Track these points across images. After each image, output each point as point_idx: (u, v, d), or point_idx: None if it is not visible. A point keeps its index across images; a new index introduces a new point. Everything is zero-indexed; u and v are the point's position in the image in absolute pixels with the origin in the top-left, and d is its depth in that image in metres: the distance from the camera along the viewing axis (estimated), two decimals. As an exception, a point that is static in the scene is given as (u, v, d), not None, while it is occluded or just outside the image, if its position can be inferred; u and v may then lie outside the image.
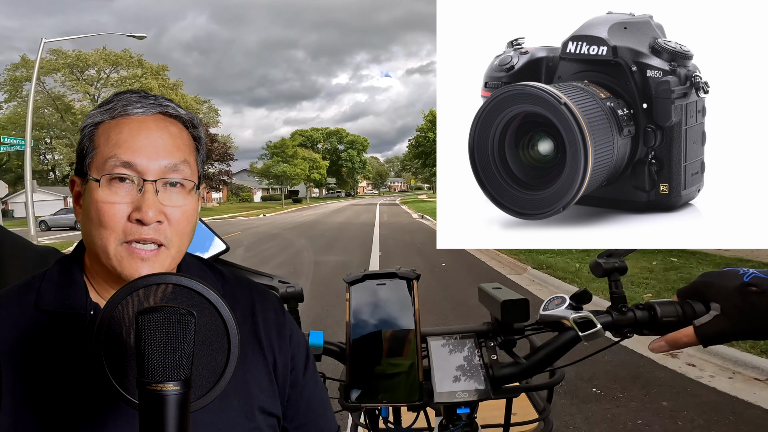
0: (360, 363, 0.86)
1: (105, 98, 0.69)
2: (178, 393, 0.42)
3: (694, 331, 0.73)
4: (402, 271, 0.91)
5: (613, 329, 0.81)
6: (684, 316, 0.76)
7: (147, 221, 0.60)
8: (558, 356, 0.84)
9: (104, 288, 0.65)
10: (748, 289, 0.68)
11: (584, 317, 0.78)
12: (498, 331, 0.90)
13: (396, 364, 0.86)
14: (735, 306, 0.69)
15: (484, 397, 0.82)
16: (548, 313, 0.82)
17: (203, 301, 0.48)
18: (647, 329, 0.79)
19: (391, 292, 0.90)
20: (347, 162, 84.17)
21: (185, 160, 0.64)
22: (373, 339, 0.88)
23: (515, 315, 0.85)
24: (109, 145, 0.62)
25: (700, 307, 0.76)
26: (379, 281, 0.91)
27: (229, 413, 0.64)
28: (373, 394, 0.84)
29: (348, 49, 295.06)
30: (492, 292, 0.91)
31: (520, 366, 0.86)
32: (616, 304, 0.82)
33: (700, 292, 0.76)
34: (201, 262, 0.76)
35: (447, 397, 0.82)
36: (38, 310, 0.62)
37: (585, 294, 0.79)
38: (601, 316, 0.80)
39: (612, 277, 0.83)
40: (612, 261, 0.84)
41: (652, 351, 0.78)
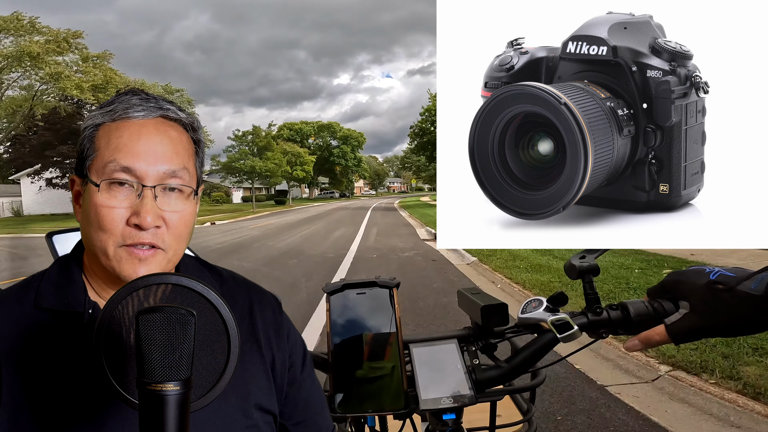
0: (343, 372, 0.87)
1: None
2: (178, 393, 0.42)
3: (665, 329, 0.74)
4: (382, 279, 0.92)
5: (589, 330, 0.82)
6: (655, 314, 0.77)
7: (145, 226, 0.60)
8: (538, 358, 0.86)
9: (103, 288, 0.66)
10: (715, 286, 0.69)
11: (561, 319, 0.79)
12: (479, 336, 0.92)
13: (378, 368, 0.87)
14: (703, 303, 0.70)
15: (469, 403, 0.83)
16: (526, 316, 0.83)
17: (203, 301, 0.48)
18: (621, 329, 0.81)
19: (371, 301, 0.91)
20: (340, 159, 73.96)
21: (184, 166, 0.65)
22: (354, 347, 0.88)
23: (495, 319, 0.87)
24: (110, 148, 0.62)
25: (669, 306, 0.77)
26: (359, 290, 0.91)
27: (227, 410, 0.65)
28: (358, 403, 0.85)
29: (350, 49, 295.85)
30: (471, 297, 0.92)
31: (502, 369, 0.87)
32: (591, 305, 0.83)
33: (669, 290, 0.77)
34: (199, 262, 0.77)
35: (432, 404, 0.83)
36: (37, 308, 0.62)
37: (561, 296, 0.81)
38: (577, 317, 0.81)
39: (585, 279, 0.84)
40: (585, 262, 0.85)
41: (627, 350, 0.79)
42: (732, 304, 0.67)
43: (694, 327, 0.71)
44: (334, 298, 0.91)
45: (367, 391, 0.86)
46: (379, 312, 0.90)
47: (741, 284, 0.66)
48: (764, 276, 0.65)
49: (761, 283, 0.64)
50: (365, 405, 0.86)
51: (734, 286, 0.67)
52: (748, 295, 0.65)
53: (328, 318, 0.90)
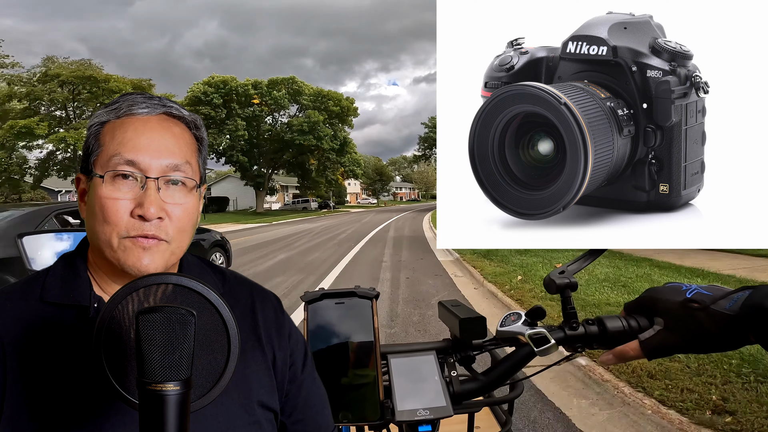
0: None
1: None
2: (178, 393, 0.42)
3: (639, 345, 0.75)
4: (361, 290, 0.92)
5: (566, 344, 0.83)
6: (630, 329, 0.78)
7: (149, 217, 0.61)
8: (515, 370, 0.87)
9: (107, 282, 0.67)
10: (690, 304, 0.70)
11: (539, 333, 0.80)
12: (457, 348, 0.92)
13: (356, 379, 0.87)
14: (678, 320, 0.71)
15: (444, 415, 0.83)
16: (505, 329, 0.84)
17: (203, 301, 0.48)
18: (596, 343, 0.81)
19: (350, 311, 0.90)
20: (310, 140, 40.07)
21: (187, 161, 0.66)
22: (332, 356, 0.88)
23: (473, 332, 0.88)
24: (114, 143, 0.64)
25: (644, 321, 0.78)
26: (337, 300, 0.91)
27: (229, 407, 0.66)
28: (334, 412, 0.84)
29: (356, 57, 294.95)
30: (451, 309, 0.93)
31: (479, 381, 0.88)
32: (568, 319, 0.83)
33: (645, 306, 0.78)
34: (202, 262, 0.78)
35: (408, 416, 0.83)
36: (43, 302, 0.63)
37: (539, 310, 0.82)
38: (555, 331, 0.82)
39: (564, 294, 0.85)
40: (564, 278, 0.86)
41: (601, 364, 0.80)
42: (705, 322, 0.67)
43: (668, 344, 0.72)
44: (311, 307, 0.90)
45: (343, 400, 0.86)
46: (357, 322, 0.90)
47: (715, 303, 0.67)
48: (740, 296, 0.65)
49: (736, 303, 0.65)
50: (341, 415, 0.86)
51: (709, 305, 0.67)
52: (722, 315, 0.66)
53: (305, 327, 0.89)
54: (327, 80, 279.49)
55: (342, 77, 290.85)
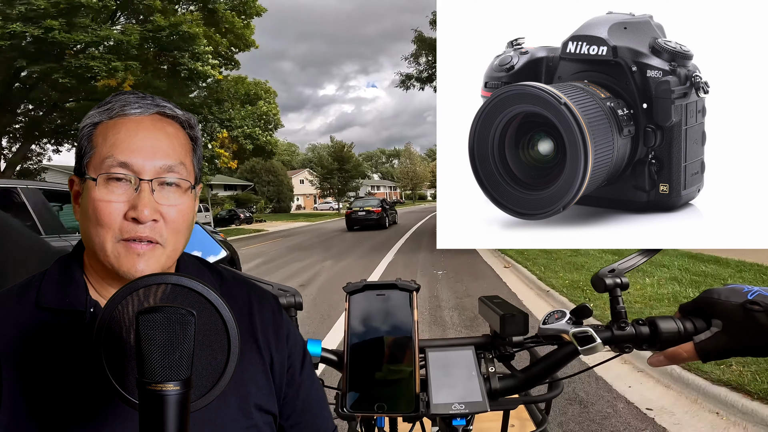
0: (357, 372, 0.86)
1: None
2: (178, 393, 0.42)
3: (694, 347, 0.74)
4: (402, 282, 0.91)
5: (613, 344, 0.81)
6: (684, 332, 0.77)
7: (143, 220, 0.61)
8: (556, 369, 0.85)
9: (103, 286, 0.66)
10: (752, 306, 0.68)
11: (584, 332, 0.79)
12: (497, 344, 0.91)
13: (393, 371, 0.86)
14: (737, 323, 0.69)
15: (480, 410, 0.82)
16: (548, 327, 0.83)
17: (203, 301, 0.48)
18: (647, 344, 0.80)
19: (390, 303, 0.90)
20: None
21: (181, 161, 0.65)
22: (370, 347, 0.87)
23: (514, 329, 0.86)
24: (107, 145, 0.63)
25: (701, 324, 0.77)
26: (378, 292, 0.91)
27: (226, 411, 0.65)
28: (369, 403, 0.84)
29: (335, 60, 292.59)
30: (492, 305, 0.92)
31: (517, 378, 0.86)
32: (616, 319, 0.82)
33: (702, 308, 0.76)
34: (199, 261, 0.77)
35: (443, 409, 0.82)
36: (39, 308, 0.62)
37: (585, 309, 0.80)
38: (601, 331, 0.81)
39: (613, 293, 0.84)
40: (614, 276, 0.85)
41: (650, 365, 0.79)
42: (767, 325, 0.66)
43: (726, 347, 0.70)
44: (353, 297, 0.90)
45: (379, 392, 0.85)
46: (397, 314, 0.89)
47: None
48: None
49: None
50: (376, 406, 0.85)
51: None
52: None
53: (347, 316, 0.89)
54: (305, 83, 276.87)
55: (321, 80, 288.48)
